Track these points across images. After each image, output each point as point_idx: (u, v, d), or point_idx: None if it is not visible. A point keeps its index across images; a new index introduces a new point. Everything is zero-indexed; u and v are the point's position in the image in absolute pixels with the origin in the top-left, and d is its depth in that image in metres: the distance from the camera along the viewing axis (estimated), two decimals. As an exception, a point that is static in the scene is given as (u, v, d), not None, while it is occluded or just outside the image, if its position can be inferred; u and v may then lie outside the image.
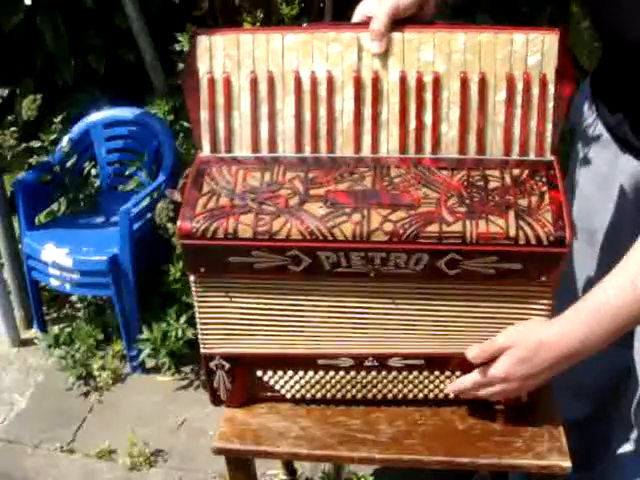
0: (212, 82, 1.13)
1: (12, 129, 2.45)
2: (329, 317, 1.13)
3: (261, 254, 1.07)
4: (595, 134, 1.30)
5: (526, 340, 1.08)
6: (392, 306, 1.11)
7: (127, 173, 2.54)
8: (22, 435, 2.22)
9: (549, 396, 1.22)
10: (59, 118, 2.64)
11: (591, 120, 1.30)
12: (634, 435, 1.39)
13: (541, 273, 1.05)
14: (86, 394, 2.36)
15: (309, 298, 1.12)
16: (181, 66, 2.48)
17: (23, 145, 2.56)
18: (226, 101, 1.14)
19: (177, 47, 2.54)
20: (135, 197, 2.31)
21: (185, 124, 2.60)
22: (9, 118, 2.57)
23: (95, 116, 2.59)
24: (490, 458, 1.14)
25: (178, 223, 1.06)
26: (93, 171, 2.66)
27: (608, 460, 1.49)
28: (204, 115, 1.15)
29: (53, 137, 2.59)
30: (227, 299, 1.13)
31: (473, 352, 1.12)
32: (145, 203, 2.31)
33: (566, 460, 1.13)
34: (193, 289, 1.13)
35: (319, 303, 1.12)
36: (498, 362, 1.09)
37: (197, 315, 1.15)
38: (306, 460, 1.26)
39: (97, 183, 2.66)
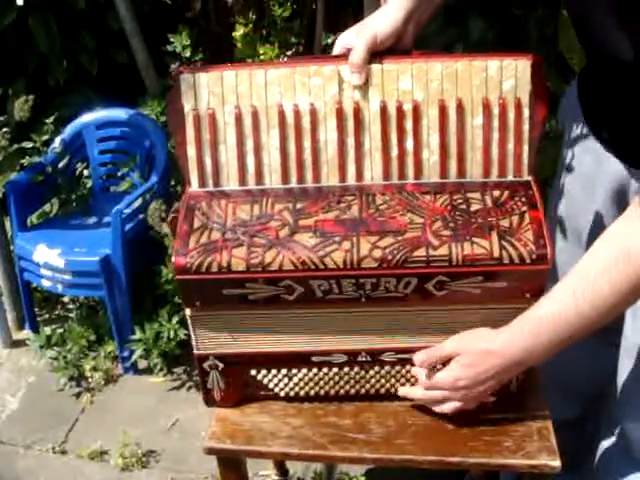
0: (197, 118, 1.16)
1: (4, 130, 2.45)
2: (321, 329, 1.16)
3: (255, 286, 1.10)
4: (581, 135, 1.31)
5: (473, 348, 1.11)
6: (382, 327, 1.15)
7: (119, 174, 2.54)
8: (14, 436, 2.22)
9: (539, 396, 1.23)
10: (51, 119, 2.63)
11: (578, 121, 1.32)
12: (621, 435, 1.40)
13: (525, 290, 1.09)
14: (78, 395, 2.36)
15: (302, 323, 1.15)
16: (173, 67, 2.49)
17: (15, 146, 2.55)
18: (212, 136, 1.17)
19: (170, 48, 2.55)
20: (127, 198, 2.31)
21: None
22: (1, 119, 2.57)
23: (87, 117, 2.58)
24: (480, 458, 1.15)
25: (172, 259, 1.10)
26: (85, 172, 2.65)
27: (596, 460, 1.50)
28: (191, 151, 1.17)
29: (45, 138, 2.58)
30: (223, 327, 1.16)
31: (419, 357, 1.15)
32: (137, 204, 2.31)
33: (556, 460, 1.14)
34: (189, 321, 1.15)
35: (312, 327, 1.15)
36: (445, 369, 1.13)
37: (190, 330, 1.17)
38: (297, 460, 1.27)
39: (89, 184, 2.65)
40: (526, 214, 1.11)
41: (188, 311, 1.14)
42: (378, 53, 1.14)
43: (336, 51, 1.19)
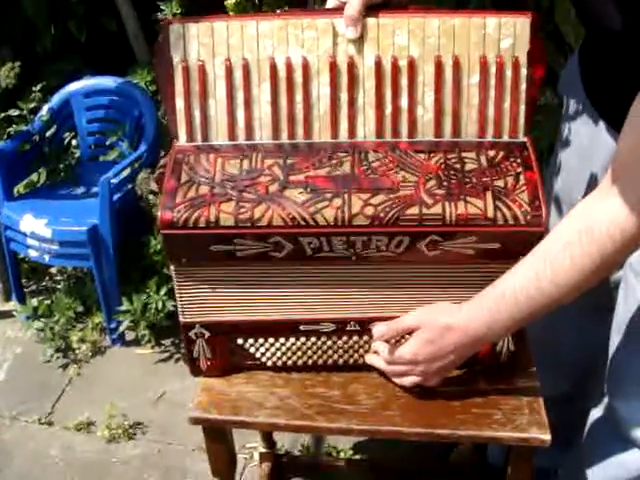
0: (186, 70, 1.13)
1: (-10, 97, 2.42)
2: (311, 291, 1.13)
3: (243, 241, 1.07)
4: (580, 107, 1.30)
5: (433, 322, 1.10)
6: (372, 288, 1.13)
7: (108, 143, 2.50)
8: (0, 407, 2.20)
9: (530, 369, 1.22)
10: (39, 87, 2.59)
11: (577, 94, 1.30)
12: (610, 412, 1.39)
13: (519, 252, 1.06)
14: (65, 366, 2.34)
15: (291, 282, 1.12)
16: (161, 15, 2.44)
17: (1, 114, 2.52)
18: (201, 89, 1.14)
19: (160, 16, 2.50)
20: (115, 167, 2.28)
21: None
22: (-13, 86, 2.53)
23: (75, 85, 2.54)
24: (469, 430, 1.14)
25: (158, 213, 1.06)
26: (73, 141, 2.63)
27: (584, 437, 1.49)
28: (179, 104, 1.14)
29: (32, 106, 2.54)
30: (208, 286, 1.13)
31: (379, 330, 1.14)
32: (126, 174, 2.28)
33: (546, 433, 1.13)
34: (174, 277, 1.13)
35: (301, 287, 1.13)
36: (405, 344, 1.12)
37: (176, 292, 1.15)
38: (284, 431, 1.25)
39: (77, 153, 2.62)
40: (521, 175, 1.09)
41: (173, 267, 1.11)
42: (374, 7, 1.11)
43: (330, 5, 1.16)
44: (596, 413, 1.45)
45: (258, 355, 1.20)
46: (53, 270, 2.69)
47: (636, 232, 0.95)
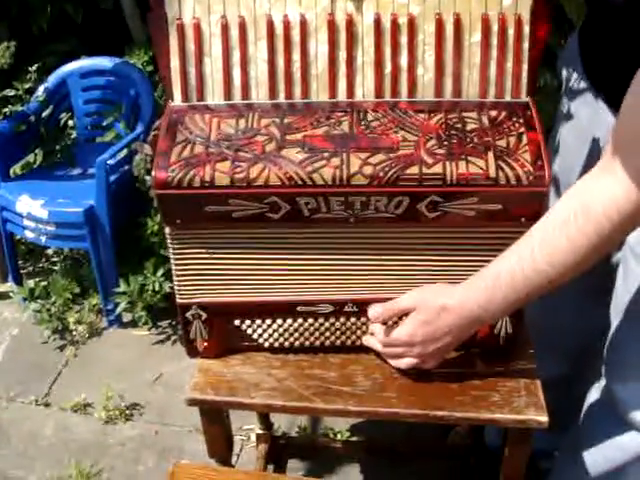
0: (181, 28, 1.10)
1: (-15, 77, 2.40)
2: (308, 265, 1.12)
3: (239, 202, 1.04)
4: (580, 87, 1.29)
5: (429, 303, 1.09)
6: (372, 254, 1.10)
7: (104, 124, 2.49)
8: (-4, 388, 2.21)
9: (528, 352, 1.22)
10: (34, 67, 2.57)
11: (577, 74, 1.29)
12: (607, 395, 1.39)
13: (521, 213, 1.05)
14: (62, 348, 2.34)
15: (288, 247, 1.10)
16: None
17: (-3, 94, 2.51)
18: (196, 47, 1.11)
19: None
20: (112, 148, 2.26)
21: (165, 75, 2.55)
22: (-18, 66, 2.51)
23: (72, 65, 2.52)
24: (467, 412, 1.14)
25: (153, 173, 1.03)
26: (70, 122, 2.61)
27: (581, 419, 1.49)
28: (174, 62, 1.12)
29: (28, 86, 2.53)
30: (204, 251, 1.10)
31: (375, 311, 1.14)
32: (123, 154, 2.27)
33: (543, 415, 1.12)
34: (169, 242, 1.10)
35: (298, 253, 1.10)
36: (401, 325, 1.11)
37: (173, 266, 1.13)
38: (281, 412, 1.25)
39: (74, 134, 2.60)
40: (524, 135, 1.06)
41: (168, 229, 1.09)
42: None
43: None
44: (594, 395, 1.45)
45: (255, 336, 1.20)
46: (50, 251, 2.69)
47: (633, 211, 0.94)
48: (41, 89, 2.48)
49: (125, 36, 2.77)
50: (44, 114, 2.48)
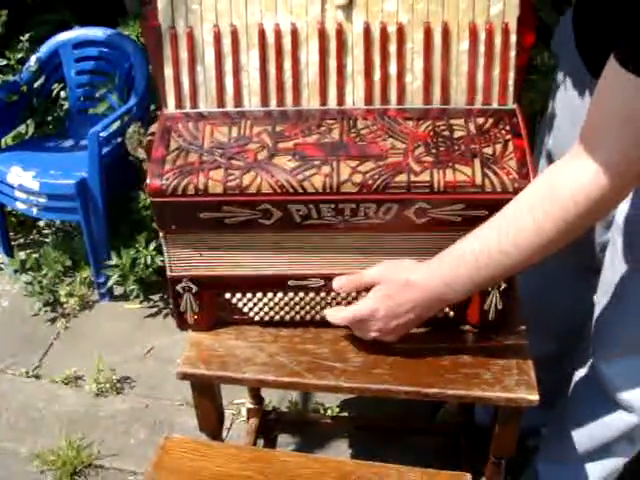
0: (175, 37, 1.12)
1: (-24, 46, 2.37)
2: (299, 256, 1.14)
3: (232, 209, 1.07)
4: (573, 67, 1.28)
5: (394, 278, 1.09)
6: (360, 255, 1.13)
7: (97, 95, 2.47)
8: (-13, 360, 2.21)
9: (519, 330, 1.22)
10: (26, 37, 2.54)
11: (570, 53, 1.29)
12: (594, 372, 1.40)
13: None
14: (53, 320, 2.34)
15: (279, 250, 1.13)
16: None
17: (-12, 63, 2.49)
18: (190, 56, 1.13)
19: (151, -34, 2.44)
20: (105, 120, 2.24)
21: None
22: (-27, 34, 2.49)
23: (64, 35, 2.50)
24: (458, 390, 1.14)
25: (147, 181, 1.06)
26: (62, 93, 2.58)
27: (569, 397, 1.50)
28: (168, 71, 1.14)
29: (20, 56, 2.51)
30: (199, 253, 1.13)
31: (340, 282, 1.14)
32: (115, 127, 2.25)
33: (534, 393, 1.13)
34: (164, 245, 1.13)
35: (289, 254, 1.13)
36: (365, 298, 1.12)
37: (165, 252, 1.14)
38: (272, 387, 1.25)
39: (66, 105, 2.58)
40: (510, 142, 1.09)
41: (162, 233, 1.11)
42: None
43: None
44: (581, 374, 1.46)
45: (246, 310, 1.20)
46: (41, 223, 2.68)
47: (600, 196, 0.94)
48: (33, 59, 2.45)
49: (118, 7, 2.74)
50: (36, 84, 2.46)
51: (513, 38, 1.11)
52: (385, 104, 1.14)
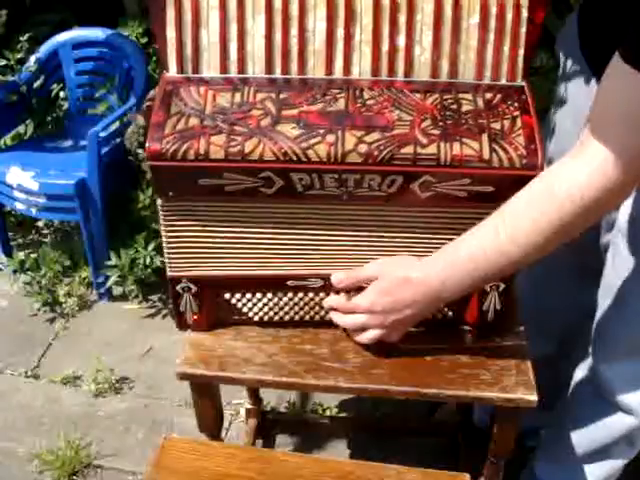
0: None
1: (-24, 46, 2.37)
2: (299, 239, 1.11)
3: (233, 176, 1.04)
4: (577, 68, 1.28)
5: (393, 274, 1.09)
6: (363, 231, 1.11)
7: (96, 96, 2.47)
8: (-15, 360, 2.21)
9: (519, 331, 1.22)
10: (26, 37, 2.54)
11: (574, 54, 1.29)
12: (593, 374, 1.40)
13: (511, 196, 1.03)
14: (51, 320, 2.34)
15: (280, 222, 1.10)
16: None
17: (-13, 63, 2.49)
18: (194, 19, 1.10)
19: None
20: (104, 120, 2.25)
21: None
22: (-27, 34, 2.49)
23: (64, 36, 2.50)
24: (457, 390, 1.14)
25: (147, 144, 1.02)
26: (61, 93, 2.58)
27: (568, 399, 1.50)
28: (170, 33, 1.10)
29: (20, 56, 2.50)
30: (196, 224, 1.10)
31: (338, 277, 1.13)
32: (114, 127, 2.26)
33: (532, 394, 1.13)
34: (160, 213, 1.09)
35: (289, 227, 1.10)
36: (363, 292, 1.11)
37: (163, 238, 1.12)
38: (271, 387, 1.25)
39: (65, 106, 2.58)
40: (518, 119, 1.06)
41: (160, 201, 1.08)
42: None
43: None
44: (580, 375, 1.46)
45: (245, 310, 1.20)
46: (40, 224, 2.68)
47: (597, 196, 0.94)
48: (32, 59, 2.46)
49: (118, 8, 2.74)
50: (35, 85, 2.46)
51: (524, 14, 1.08)
52: (392, 76, 1.11)
